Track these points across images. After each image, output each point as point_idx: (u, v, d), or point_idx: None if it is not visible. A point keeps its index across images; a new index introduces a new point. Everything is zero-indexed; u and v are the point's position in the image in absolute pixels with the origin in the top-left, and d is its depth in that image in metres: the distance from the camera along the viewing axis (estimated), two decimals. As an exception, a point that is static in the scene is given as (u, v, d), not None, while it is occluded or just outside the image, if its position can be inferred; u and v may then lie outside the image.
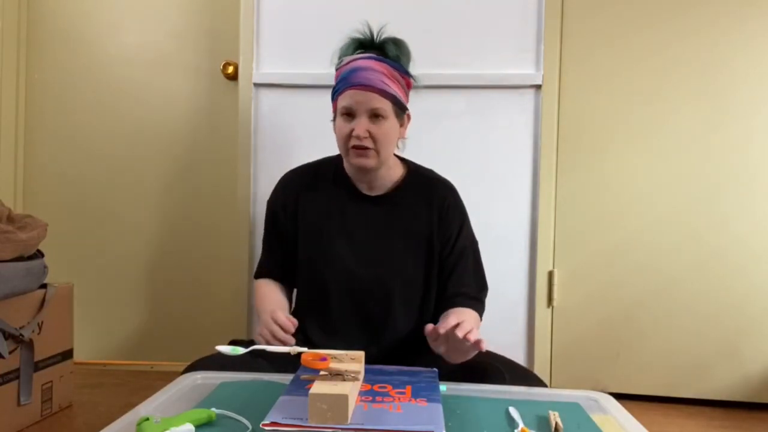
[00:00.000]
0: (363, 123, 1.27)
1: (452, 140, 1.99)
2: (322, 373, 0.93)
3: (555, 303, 2.00)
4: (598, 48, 1.99)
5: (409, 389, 1.00)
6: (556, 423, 0.92)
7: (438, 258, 1.37)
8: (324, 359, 0.93)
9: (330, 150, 1.42)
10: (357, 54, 1.30)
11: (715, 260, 1.96)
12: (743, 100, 1.94)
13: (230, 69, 2.24)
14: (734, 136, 1.95)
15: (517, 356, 1.92)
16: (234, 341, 1.23)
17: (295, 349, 0.97)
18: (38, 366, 1.74)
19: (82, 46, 2.36)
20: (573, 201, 2.00)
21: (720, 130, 1.96)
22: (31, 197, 2.40)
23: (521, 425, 0.92)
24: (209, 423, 0.91)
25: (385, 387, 1.01)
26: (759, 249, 1.95)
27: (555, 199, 1.99)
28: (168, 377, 1.19)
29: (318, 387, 0.87)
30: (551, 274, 2.00)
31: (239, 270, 2.04)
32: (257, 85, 2.03)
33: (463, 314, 1.23)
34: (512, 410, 0.99)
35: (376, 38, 1.31)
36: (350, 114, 1.28)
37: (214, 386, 1.09)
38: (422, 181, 1.41)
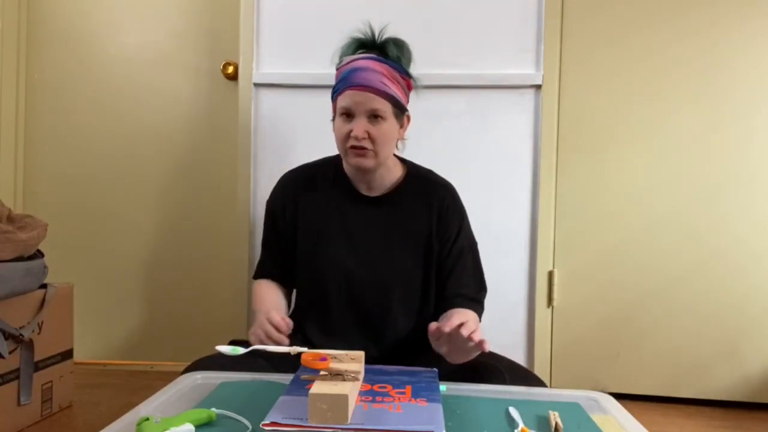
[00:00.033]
0: (361, 123, 1.27)
1: (452, 140, 1.99)
2: (322, 373, 0.93)
3: (555, 303, 2.00)
4: (598, 48, 1.99)
5: (409, 389, 1.00)
6: (556, 423, 0.92)
7: (437, 258, 1.36)
8: (324, 359, 0.92)
9: (330, 150, 1.42)
10: (358, 54, 1.30)
11: (715, 260, 1.96)
12: (743, 100, 1.94)
13: (230, 69, 2.24)
14: (734, 136, 1.95)
15: (517, 356, 1.92)
16: (234, 341, 1.23)
17: (295, 349, 0.97)
18: (38, 366, 1.74)
19: (82, 46, 2.36)
20: (573, 201, 2.00)
21: (720, 130, 1.96)
22: (31, 197, 2.40)
23: (521, 425, 0.92)
24: (209, 423, 0.91)
25: (385, 387, 1.01)
26: (759, 249, 1.95)
27: (555, 199, 1.99)
28: (168, 377, 1.19)
29: (318, 387, 0.87)
30: (551, 274, 2.00)
31: (239, 270, 2.04)
32: (257, 85, 2.03)
33: (465, 315, 1.23)
34: (512, 410, 0.99)
35: (378, 38, 1.31)
36: (349, 114, 1.28)
37: (214, 386, 1.09)
38: (421, 182, 1.41)
